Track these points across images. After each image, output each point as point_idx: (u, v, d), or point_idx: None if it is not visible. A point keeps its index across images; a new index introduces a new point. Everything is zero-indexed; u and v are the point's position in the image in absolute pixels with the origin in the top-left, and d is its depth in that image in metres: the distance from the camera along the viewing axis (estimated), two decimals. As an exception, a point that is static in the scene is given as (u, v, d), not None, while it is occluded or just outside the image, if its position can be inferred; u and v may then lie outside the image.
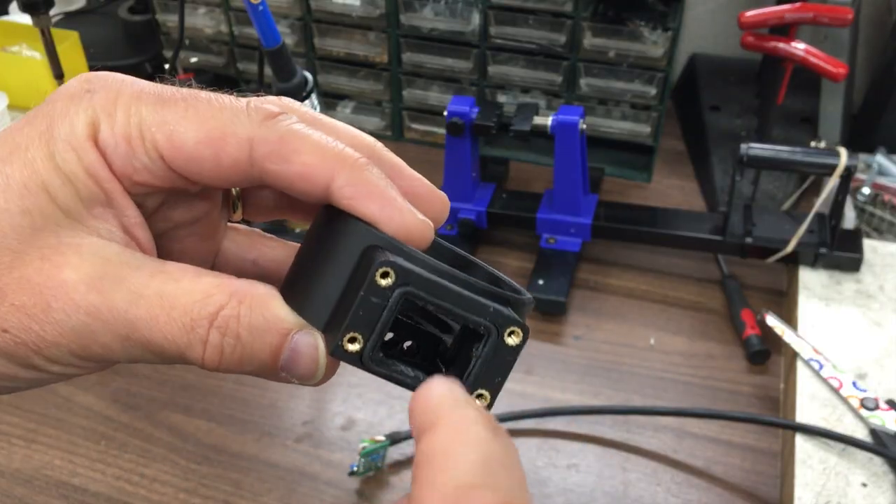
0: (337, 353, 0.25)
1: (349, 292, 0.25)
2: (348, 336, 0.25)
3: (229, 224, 0.32)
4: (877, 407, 0.64)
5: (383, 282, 0.24)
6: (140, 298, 0.25)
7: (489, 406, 0.26)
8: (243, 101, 0.27)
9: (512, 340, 0.26)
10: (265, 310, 0.26)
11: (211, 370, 0.26)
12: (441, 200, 0.29)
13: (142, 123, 0.26)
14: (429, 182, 0.29)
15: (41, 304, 0.25)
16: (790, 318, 0.75)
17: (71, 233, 0.26)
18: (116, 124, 0.26)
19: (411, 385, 0.26)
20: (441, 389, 0.25)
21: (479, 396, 0.26)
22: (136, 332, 0.25)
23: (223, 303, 0.26)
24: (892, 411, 0.64)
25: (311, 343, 0.26)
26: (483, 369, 0.26)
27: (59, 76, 0.85)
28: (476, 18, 0.89)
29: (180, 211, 0.30)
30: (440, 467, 0.22)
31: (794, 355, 0.69)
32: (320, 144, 0.27)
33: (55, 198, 0.26)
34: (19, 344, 0.26)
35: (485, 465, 0.22)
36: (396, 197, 0.26)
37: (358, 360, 0.25)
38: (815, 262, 0.77)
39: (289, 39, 0.95)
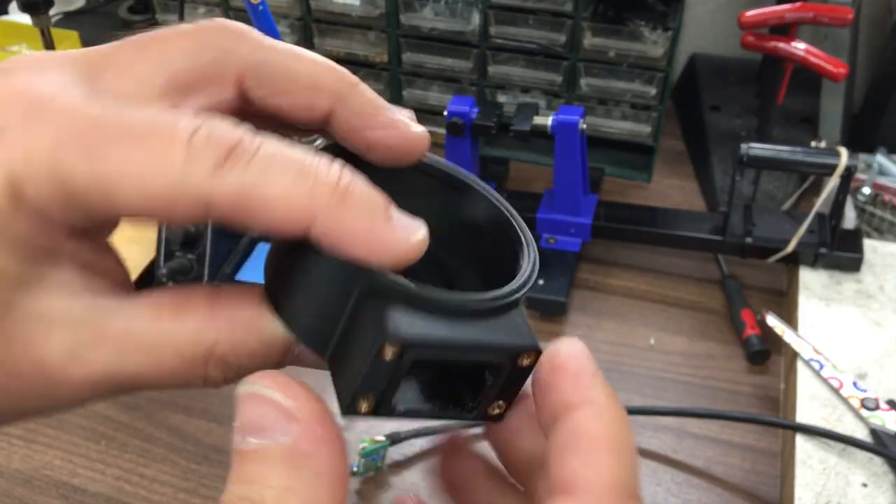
0: (349, 414, 0.24)
1: (349, 342, 0.24)
2: (358, 399, 0.24)
3: None
4: (877, 407, 0.64)
5: (389, 354, 0.23)
6: (125, 357, 0.23)
7: (502, 416, 0.26)
8: (188, 131, 0.22)
9: (525, 362, 0.25)
10: (260, 334, 0.24)
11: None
12: (420, 141, 0.27)
13: (72, 185, 0.22)
14: (406, 118, 0.27)
15: (19, 389, 0.23)
16: (790, 318, 0.75)
17: (28, 301, 0.23)
18: (41, 186, 0.22)
19: (427, 415, 0.26)
20: (582, 360, 0.24)
21: (497, 408, 0.26)
22: (130, 383, 0.24)
23: (214, 339, 0.24)
24: (893, 411, 0.64)
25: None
26: (498, 391, 0.25)
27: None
28: (476, 18, 0.89)
29: None
30: (608, 457, 0.22)
31: (795, 355, 0.69)
32: (288, 190, 0.22)
33: None
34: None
35: (635, 470, 0.23)
36: (384, 228, 0.23)
37: (371, 415, 0.24)
38: (815, 262, 0.77)
39: (289, 39, 0.95)
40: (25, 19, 0.91)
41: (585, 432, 0.23)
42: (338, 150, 0.27)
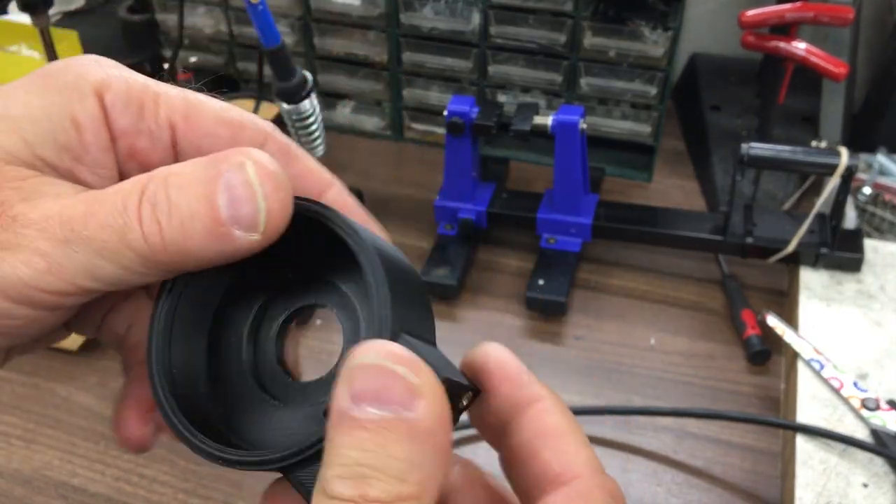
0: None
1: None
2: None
3: None
4: (878, 407, 0.64)
5: None
6: (76, 202, 0.25)
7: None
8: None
9: (463, 403, 0.26)
10: (191, 167, 0.25)
11: (158, 252, 0.24)
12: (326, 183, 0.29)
13: (159, 89, 0.26)
14: (320, 167, 0.29)
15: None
16: (791, 319, 0.75)
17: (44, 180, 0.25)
18: (132, 86, 0.26)
19: None
20: (514, 362, 0.27)
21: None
22: (73, 234, 0.24)
23: (149, 178, 0.25)
24: (893, 411, 0.63)
25: (244, 178, 0.24)
26: None
27: (59, 76, 0.85)
28: (476, 18, 0.89)
29: None
30: (576, 442, 0.23)
31: (795, 355, 0.69)
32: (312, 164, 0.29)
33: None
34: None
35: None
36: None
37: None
38: (815, 263, 0.77)
39: (288, 39, 0.95)
40: (25, 19, 0.91)
41: (549, 426, 0.24)
42: None
